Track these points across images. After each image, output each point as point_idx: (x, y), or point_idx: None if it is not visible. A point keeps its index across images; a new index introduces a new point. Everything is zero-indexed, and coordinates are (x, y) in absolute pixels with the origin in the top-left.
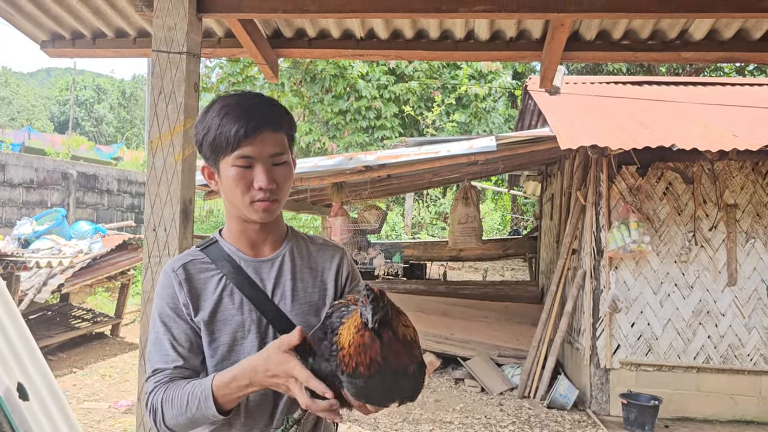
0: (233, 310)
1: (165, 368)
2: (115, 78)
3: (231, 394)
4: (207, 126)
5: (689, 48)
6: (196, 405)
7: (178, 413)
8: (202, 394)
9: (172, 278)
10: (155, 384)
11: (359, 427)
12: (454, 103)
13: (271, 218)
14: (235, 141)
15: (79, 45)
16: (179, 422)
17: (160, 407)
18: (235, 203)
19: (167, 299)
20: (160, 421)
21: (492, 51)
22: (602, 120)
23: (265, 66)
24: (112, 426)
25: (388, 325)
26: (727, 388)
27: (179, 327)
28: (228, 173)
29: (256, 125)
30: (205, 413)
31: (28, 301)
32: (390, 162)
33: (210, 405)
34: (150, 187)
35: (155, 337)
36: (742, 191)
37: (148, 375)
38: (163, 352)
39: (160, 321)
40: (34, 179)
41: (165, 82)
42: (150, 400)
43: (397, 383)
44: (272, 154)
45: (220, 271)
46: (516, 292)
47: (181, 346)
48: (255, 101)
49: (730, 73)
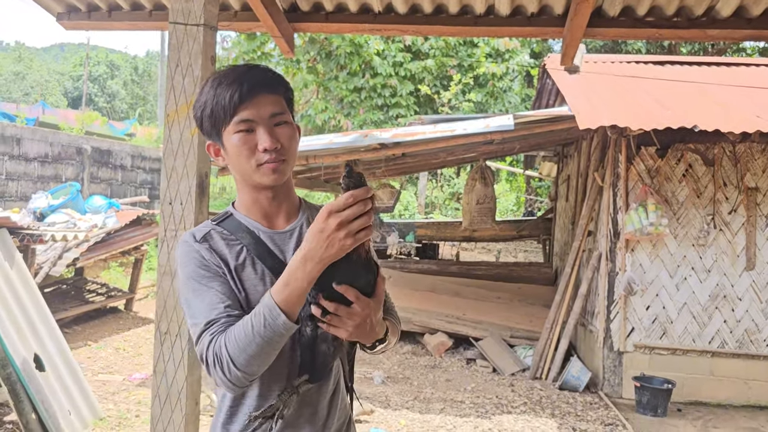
0: (256, 280)
1: (218, 318)
2: (128, 54)
3: (293, 293)
4: (203, 101)
5: (716, 25)
6: (263, 324)
7: (245, 344)
8: (266, 309)
9: (197, 247)
10: (212, 335)
11: (371, 404)
12: (471, 82)
13: (281, 180)
14: (231, 107)
15: (95, 17)
16: (249, 354)
17: (225, 351)
18: (244, 171)
19: (198, 262)
20: (228, 364)
21: (513, 27)
22: (622, 100)
23: (280, 39)
24: (126, 398)
25: None
26: (741, 373)
27: (220, 283)
28: (231, 141)
29: (250, 87)
30: (275, 328)
31: (44, 274)
32: (405, 140)
33: (277, 314)
34: (166, 160)
35: (199, 299)
36: (763, 174)
37: (199, 332)
38: (211, 305)
39: (196, 282)
40: (48, 153)
41: (182, 54)
42: (210, 351)
43: (348, 260)
44: (272, 114)
45: (240, 242)
46: (529, 273)
47: (228, 298)
48: (246, 67)
49: (753, 54)
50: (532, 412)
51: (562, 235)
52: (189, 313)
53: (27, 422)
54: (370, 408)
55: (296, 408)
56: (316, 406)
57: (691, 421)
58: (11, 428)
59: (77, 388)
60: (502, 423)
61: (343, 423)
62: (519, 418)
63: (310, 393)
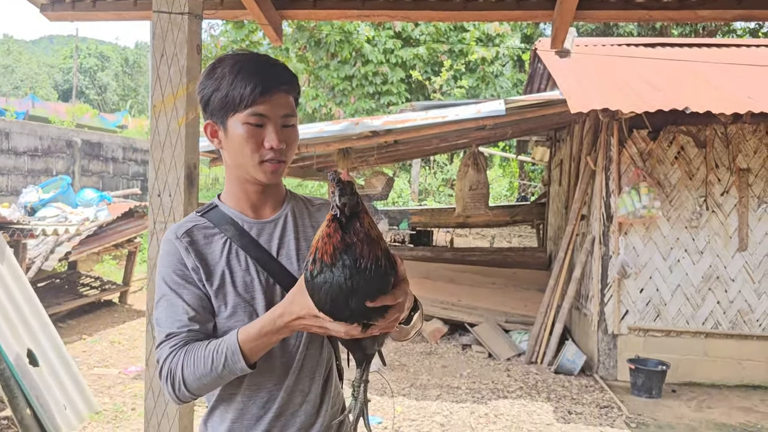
0: (240, 272)
1: (179, 332)
2: (118, 45)
3: (259, 346)
4: (217, 82)
5: (706, 6)
6: (222, 362)
7: (202, 374)
8: (228, 350)
9: (176, 245)
10: (171, 349)
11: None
12: (463, 68)
13: (277, 179)
14: (251, 98)
15: (79, 8)
16: (203, 383)
17: (180, 371)
18: (242, 162)
19: (174, 266)
20: (179, 384)
21: (502, 11)
22: (613, 83)
23: (268, 27)
24: (122, 391)
25: (356, 216)
26: (735, 353)
27: (190, 292)
28: (238, 131)
29: (271, 84)
30: (233, 369)
31: (36, 269)
32: (397, 127)
33: (238, 359)
34: (154, 152)
35: (166, 304)
36: (755, 155)
37: (160, 341)
38: (176, 317)
39: (168, 288)
40: (38, 147)
41: (167, 44)
42: (166, 365)
43: (361, 278)
44: (284, 115)
45: (224, 235)
46: (523, 258)
47: (194, 310)
48: (269, 61)
49: (744, 35)
50: (528, 396)
51: (556, 219)
52: (156, 314)
53: (22, 418)
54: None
55: (288, 396)
56: (308, 394)
57: (685, 401)
58: (6, 424)
59: (72, 382)
60: (499, 408)
61: (337, 410)
62: (515, 402)
63: (303, 381)
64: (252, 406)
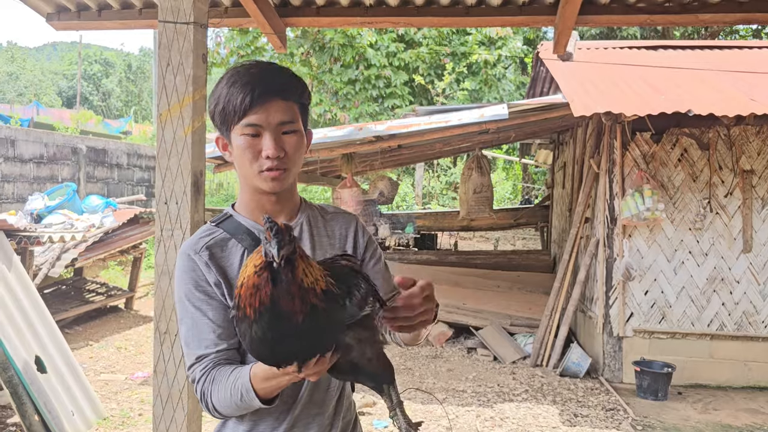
0: None
1: (208, 353)
2: (123, 51)
3: (268, 388)
4: (217, 96)
5: (707, 9)
6: (239, 397)
7: (227, 404)
8: (243, 387)
9: (196, 260)
10: (202, 372)
11: (373, 397)
12: (465, 71)
13: (281, 187)
14: (242, 109)
15: (85, 17)
16: (229, 411)
17: (210, 398)
18: (245, 173)
19: (194, 282)
20: (212, 409)
21: (504, 16)
22: (616, 86)
23: (272, 36)
24: (129, 397)
25: (291, 265)
26: (740, 355)
27: (214, 308)
28: (237, 142)
29: (261, 93)
30: (250, 404)
31: (43, 275)
32: (400, 132)
33: (252, 397)
34: (160, 160)
35: (191, 323)
36: (758, 156)
37: (191, 363)
38: (203, 336)
39: (192, 306)
40: (44, 154)
41: (172, 53)
42: (199, 388)
43: (290, 333)
44: (280, 122)
45: (241, 245)
46: (528, 261)
47: (219, 327)
48: (263, 69)
49: (746, 36)
50: (533, 399)
51: (560, 222)
52: (182, 333)
53: (30, 424)
54: (372, 400)
55: (305, 407)
56: (323, 406)
57: (691, 403)
58: (15, 431)
59: (79, 388)
60: (504, 411)
61: (349, 421)
62: (521, 405)
63: (319, 393)
64: (268, 418)
